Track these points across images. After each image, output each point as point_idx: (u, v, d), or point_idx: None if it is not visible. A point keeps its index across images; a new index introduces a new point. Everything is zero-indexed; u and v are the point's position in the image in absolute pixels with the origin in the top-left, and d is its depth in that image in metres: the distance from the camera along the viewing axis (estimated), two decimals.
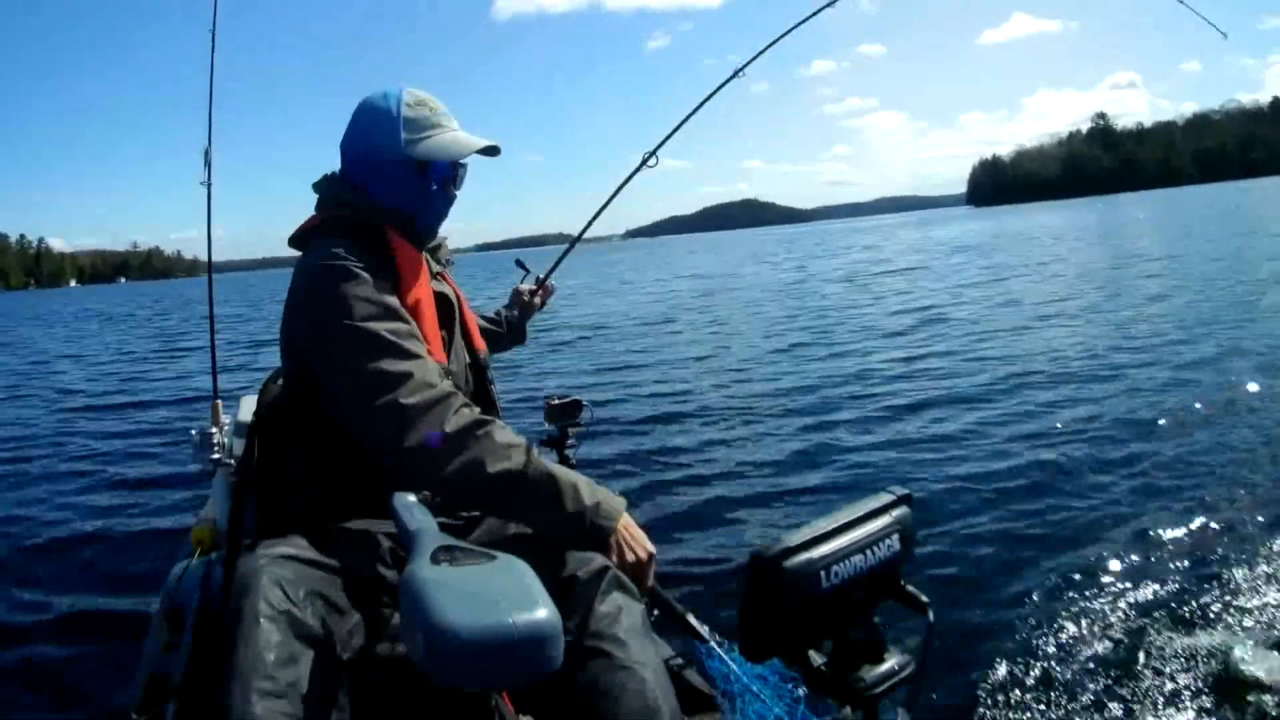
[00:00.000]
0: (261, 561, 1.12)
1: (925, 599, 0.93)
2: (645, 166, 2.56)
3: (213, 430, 2.10)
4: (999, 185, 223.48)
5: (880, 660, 0.90)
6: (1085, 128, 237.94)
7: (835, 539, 0.87)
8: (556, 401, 2.17)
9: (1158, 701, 2.25)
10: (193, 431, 2.11)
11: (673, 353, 9.75)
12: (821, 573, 0.84)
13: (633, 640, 1.18)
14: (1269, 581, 2.81)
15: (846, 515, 0.90)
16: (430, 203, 1.47)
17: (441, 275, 1.52)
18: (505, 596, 0.84)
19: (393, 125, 1.41)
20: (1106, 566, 3.04)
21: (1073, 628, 2.66)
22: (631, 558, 1.28)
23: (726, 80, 2.68)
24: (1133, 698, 2.28)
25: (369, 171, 1.44)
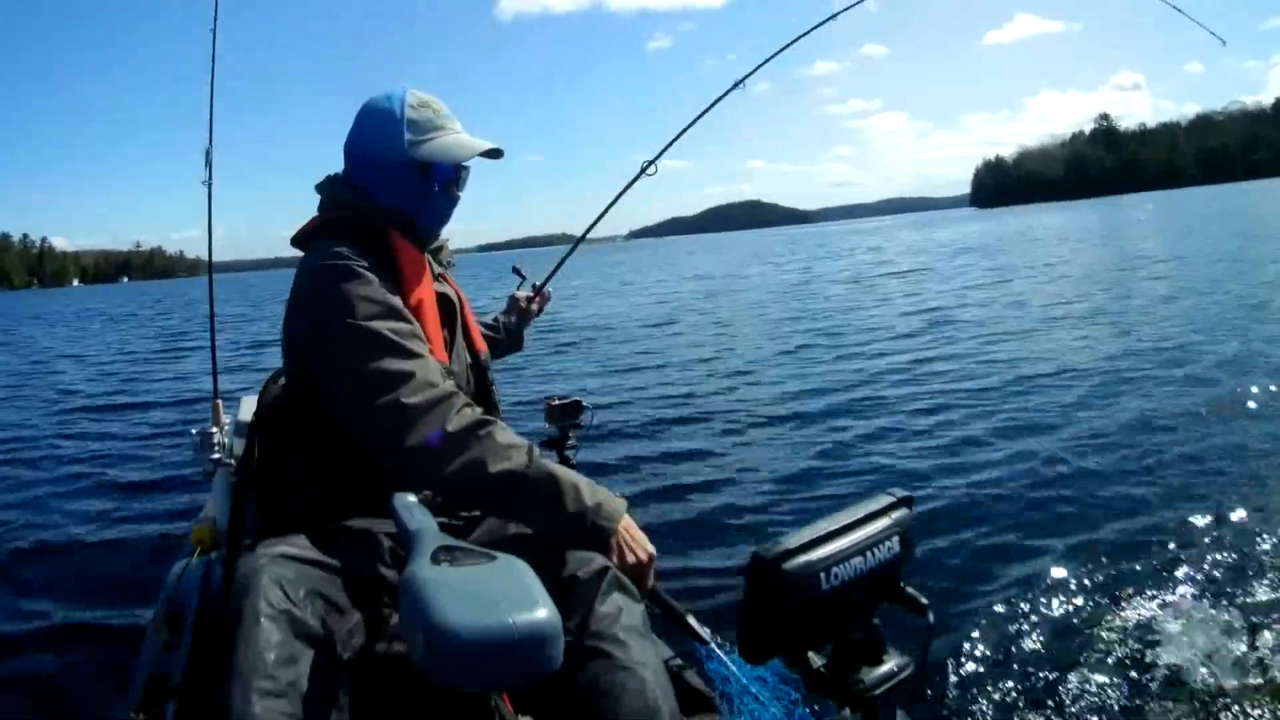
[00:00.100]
0: (262, 561, 1.13)
1: (925, 601, 0.93)
2: (644, 175, 2.56)
3: (213, 430, 2.10)
4: (1002, 186, 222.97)
5: (880, 662, 0.90)
6: (1088, 128, 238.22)
7: (835, 541, 0.87)
8: (557, 402, 2.18)
9: (1158, 701, 2.24)
10: (193, 431, 2.10)
11: (675, 354, 9.73)
12: (821, 574, 0.84)
13: (633, 641, 1.18)
14: None
15: (847, 517, 0.90)
16: (432, 204, 1.47)
17: (443, 277, 1.52)
18: (505, 597, 0.84)
19: (396, 127, 1.41)
20: (1110, 570, 3.03)
21: (1073, 630, 2.65)
22: (632, 559, 1.28)
23: (726, 92, 2.68)
24: (1133, 698, 2.27)
25: (371, 172, 1.44)
